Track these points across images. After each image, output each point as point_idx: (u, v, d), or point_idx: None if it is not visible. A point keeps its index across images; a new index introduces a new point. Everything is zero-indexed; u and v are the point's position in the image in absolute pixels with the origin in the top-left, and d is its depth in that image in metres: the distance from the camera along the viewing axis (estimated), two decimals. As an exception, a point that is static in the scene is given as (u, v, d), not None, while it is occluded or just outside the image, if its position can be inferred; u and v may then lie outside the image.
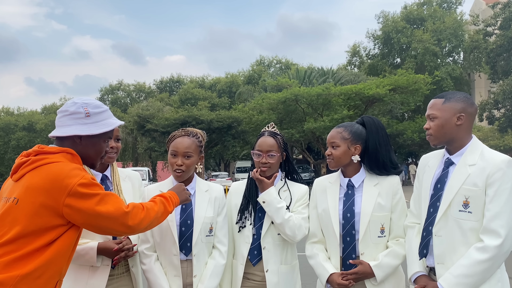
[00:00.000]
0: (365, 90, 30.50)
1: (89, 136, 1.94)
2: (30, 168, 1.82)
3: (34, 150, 1.89)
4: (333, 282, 2.43)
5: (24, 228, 1.73)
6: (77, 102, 1.95)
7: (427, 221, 2.30)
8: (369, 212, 2.43)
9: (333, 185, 2.59)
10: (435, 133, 2.30)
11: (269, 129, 2.74)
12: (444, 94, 2.36)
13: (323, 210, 2.56)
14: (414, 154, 42.84)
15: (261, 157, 2.63)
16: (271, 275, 2.56)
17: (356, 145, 2.51)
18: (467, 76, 47.31)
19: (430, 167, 2.40)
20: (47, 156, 1.85)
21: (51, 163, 1.82)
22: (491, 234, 2.10)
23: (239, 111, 37.37)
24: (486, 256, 2.08)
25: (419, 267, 2.32)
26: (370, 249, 2.44)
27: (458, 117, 2.26)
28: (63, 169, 1.79)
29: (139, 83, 60.86)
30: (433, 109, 2.32)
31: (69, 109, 1.94)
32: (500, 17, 30.29)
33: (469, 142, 2.29)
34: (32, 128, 52.84)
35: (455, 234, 2.19)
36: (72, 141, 1.93)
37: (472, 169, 2.20)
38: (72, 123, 1.92)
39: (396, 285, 2.49)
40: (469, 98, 2.32)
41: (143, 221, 1.94)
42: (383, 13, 45.51)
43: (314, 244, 2.62)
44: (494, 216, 2.11)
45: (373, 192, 2.48)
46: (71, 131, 1.91)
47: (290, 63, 54.49)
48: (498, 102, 29.33)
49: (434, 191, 2.31)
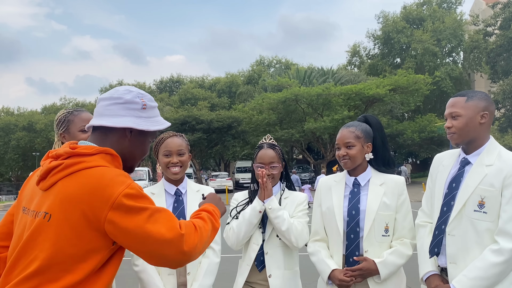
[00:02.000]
0: (365, 90, 30.50)
1: (140, 132, 1.63)
2: (64, 174, 1.48)
3: (65, 151, 1.53)
4: (334, 278, 2.43)
5: (59, 252, 1.40)
6: (132, 90, 1.63)
7: (440, 220, 2.28)
8: (374, 210, 2.43)
9: (338, 184, 2.60)
10: (459, 131, 2.27)
11: (267, 141, 2.78)
12: (464, 92, 2.33)
13: (327, 208, 2.57)
14: (414, 154, 42.84)
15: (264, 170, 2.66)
16: (274, 280, 2.58)
17: (368, 143, 2.53)
18: (467, 76, 47.29)
19: (445, 166, 2.38)
20: (83, 159, 1.49)
21: (90, 167, 1.48)
22: (506, 236, 2.08)
23: (239, 111, 37.37)
24: (502, 259, 2.06)
25: (431, 266, 2.29)
26: (374, 247, 2.44)
27: (482, 115, 2.24)
28: (105, 175, 1.45)
29: (139, 83, 60.85)
30: (456, 107, 2.28)
31: (123, 96, 1.60)
32: (500, 17, 30.31)
33: (487, 142, 2.27)
34: (32, 128, 52.78)
35: (469, 234, 2.17)
36: (120, 134, 1.60)
37: (489, 169, 2.18)
38: (126, 113, 1.59)
39: (398, 286, 2.49)
40: (489, 97, 2.31)
41: (198, 245, 1.54)
42: (383, 13, 45.51)
43: (316, 241, 2.63)
44: (510, 218, 2.09)
45: (379, 191, 2.48)
46: (125, 122, 1.58)
47: (290, 63, 54.51)
48: (498, 102, 29.34)
49: (449, 190, 2.28)
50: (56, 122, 2.49)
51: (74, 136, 2.41)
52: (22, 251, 1.45)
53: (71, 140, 2.40)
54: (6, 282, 1.45)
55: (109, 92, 1.65)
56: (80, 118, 2.43)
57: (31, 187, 1.61)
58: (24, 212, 1.56)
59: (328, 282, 2.48)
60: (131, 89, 1.65)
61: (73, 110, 2.49)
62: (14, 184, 51.06)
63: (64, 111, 2.50)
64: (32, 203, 1.54)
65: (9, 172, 58.44)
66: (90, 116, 2.43)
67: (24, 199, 1.60)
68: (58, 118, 2.48)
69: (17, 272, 1.44)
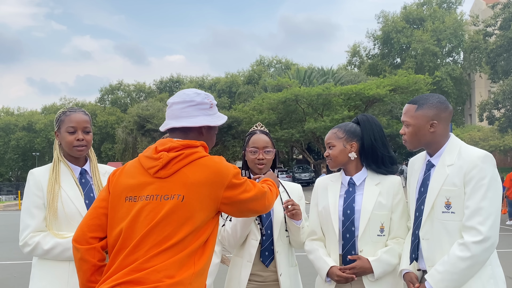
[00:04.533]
0: (365, 90, 30.53)
1: (210, 127, 1.95)
2: (185, 162, 1.76)
3: (179, 144, 1.80)
4: (333, 275, 2.44)
5: (194, 224, 1.70)
6: (200, 93, 1.93)
7: (414, 225, 2.32)
8: (369, 209, 2.44)
9: (334, 183, 2.61)
10: (409, 139, 2.32)
11: (259, 128, 2.79)
12: (417, 99, 2.35)
13: (323, 207, 2.58)
14: (414, 154, 42.82)
15: (258, 154, 2.64)
16: (285, 278, 2.59)
17: (352, 142, 2.53)
18: (467, 76, 47.32)
19: (415, 170, 2.42)
20: (196, 150, 1.81)
21: (203, 157, 1.80)
22: (471, 231, 2.10)
23: (239, 111, 37.41)
24: (468, 254, 2.08)
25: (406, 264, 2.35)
26: (369, 246, 2.45)
27: (431, 124, 2.26)
28: (219, 162, 1.80)
29: (139, 83, 60.91)
30: (407, 116, 2.32)
31: (195, 99, 1.89)
32: (500, 18, 30.29)
33: (447, 142, 2.29)
34: (32, 128, 52.82)
35: (442, 235, 2.20)
36: (198, 132, 1.90)
37: (450, 169, 2.21)
38: (199, 113, 1.89)
39: (394, 285, 2.49)
40: (442, 102, 2.29)
41: (272, 201, 2.02)
42: (383, 13, 45.57)
43: (313, 240, 2.64)
44: (473, 213, 2.11)
45: (374, 190, 2.49)
46: (201, 121, 1.88)
47: (290, 63, 54.52)
48: (498, 102, 29.33)
49: (419, 195, 2.32)
50: (54, 120, 2.54)
51: (62, 136, 2.44)
52: (152, 230, 1.68)
53: (61, 140, 2.45)
54: (130, 261, 1.66)
55: (178, 96, 1.92)
56: (69, 119, 2.44)
57: (130, 180, 1.82)
58: (131, 200, 1.77)
59: (327, 279, 2.49)
60: (198, 92, 1.93)
61: (68, 110, 2.51)
62: (14, 184, 51.03)
63: (61, 111, 2.53)
64: (144, 190, 1.76)
65: (9, 172, 58.47)
66: (82, 117, 2.46)
67: (125, 191, 1.80)
68: (56, 116, 2.53)
69: (147, 248, 1.66)
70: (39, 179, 2.38)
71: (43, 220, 2.33)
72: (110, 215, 1.81)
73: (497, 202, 2.14)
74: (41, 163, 55.22)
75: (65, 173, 2.43)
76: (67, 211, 2.33)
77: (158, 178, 1.76)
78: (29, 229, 2.31)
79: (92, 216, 1.85)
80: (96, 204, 1.88)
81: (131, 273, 1.63)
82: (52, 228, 2.31)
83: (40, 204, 2.34)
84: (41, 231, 2.32)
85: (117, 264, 1.68)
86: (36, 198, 2.35)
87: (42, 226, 2.33)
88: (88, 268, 1.79)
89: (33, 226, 2.31)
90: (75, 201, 2.36)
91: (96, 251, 1.80)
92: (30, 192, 2.37)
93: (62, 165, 2.45)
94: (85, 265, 1.79)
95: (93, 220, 1.84)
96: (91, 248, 1.79)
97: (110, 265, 1.72)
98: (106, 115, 53.01)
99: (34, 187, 2.36)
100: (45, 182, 2.37)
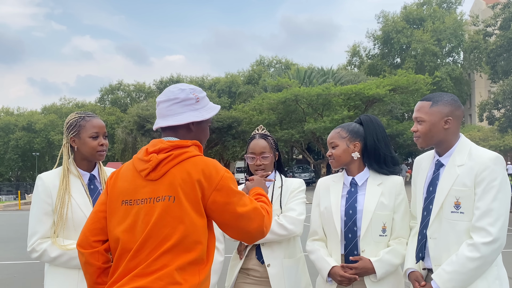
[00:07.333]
0: (365, 90, 30.52)
1: (200, 122, 1.89)
2: (174, 163, 1.74)
3: (168, 145, 1.78)
4: (335, 275, 2.43)
5: (190, 224, 1.67)
6: (184, 88, 1.87)
7: (422, 224, 2.33)
8: (371, 209, 2.44)
9: (336, 184, 2.61)
10: (423, 136, 2.32)
11: (259, 132, 2.81)
12: (431, 96, 2.36)
13: (325, 207, 2.58)
14: (414, 154, 42.81)
15: (255, 160, 2.70)
16: (274, 269, 2.59)
17: (355, 142, 2.54)
18: (467, 76, 47.33)
19: (423, 169, 2.42)
20: (186, 150, 1.77)
21: (194, 156, 1.76)
22: (480, 232, 2.11)
23: (239, 111, 37.40)
24: (477, 255, 2.09)
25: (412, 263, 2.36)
26: (371, 246, 2.44)
27: (445, 121, 2.27)
28: (208, 162, 1.76)
29: (139, 83, 60.93)
30: (421, 112, 2.32)
31: (179, 96, 1.84)
32: (500, 18, 30.27)
33: (457, 142, 2.30)
34: (32, 128, 52.81)
35: (449, 235, 2.20)
36: (186, 129, 1.86)
37: (461, 169, 2.21)
38: (184, 110, 1.84)
39: (396, 286, 2.48)
40: (456, 101, 2.32)
41: (269, 228, 1.85)
42: (383, 13, 45.58)
43: (315, 241, 2.64)
44: (483, 214, 2.12)
45: (376, 190, 2.49)
46: (187, 118, 1.83)
47: (290, 63, 54.53)
48: (498, 102, 29.31)
49: (427, 194, 2.32)
50: (66, 126, 2.48)
51: (84, 142, 2.42)
52: (150, 234, 1.67)
53: (80, 145, 2.43)
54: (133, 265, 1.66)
55: (164, 94, 1.88)
56: (92, 124, 2.44)
57: (125, 183, 1.81)
58: (127, 204, 1.77)
59: (328, 280, 2.48)
60: (182, 87, 1.87)
61: (85, 115, 2.48)
62: (14, 184, 51.06)
63: (76, 115, 2.49)
64: (138, 193, 1.75)
65: (9, 172, 58.46)
66: (101, 122, 2.49)
67: (121, 194, 1.79)
68: (70, 121, 2.47)
69: (148, 252, 1.66)
70: (48, 185, 2.37)
71: (51, 227, 2.34)
72: (108, 219, 1.82)
73: (507, 203, 2.15)
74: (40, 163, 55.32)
75: (75, 181, 2.42)
76: (76, 219, 2.33)
77: (150, 181, 1.75)
78: (37, 235, 2.32)
79: (93, 220, 1.86)
80: (97, 208, 1.89)
81: (135, 279, 1.65)
82: (60, 235, 2.32)
83: (49, 210, 2.35)
84: (49, 237, 2.33)
85: (121, 269, 1.70)
86: (45, 204, 2.34)
87: (50, 233, 2.34)
88: (93, 271, 1.82)
89: (42, 232, 2.32)
90: (83, 209, 2.36)
91: (100, 254, 1.82)
92: (39, 198, 2.36)
93: (72, 172, 2.43)
94: (91, 269, 1.82)
95: (94, 224, 1.85)
96: (94, 251, 1.82)
97: (115, 269, 1.74)
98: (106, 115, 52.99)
99: (43, 194, 2.36)
100: (54, 188, 2.37)
